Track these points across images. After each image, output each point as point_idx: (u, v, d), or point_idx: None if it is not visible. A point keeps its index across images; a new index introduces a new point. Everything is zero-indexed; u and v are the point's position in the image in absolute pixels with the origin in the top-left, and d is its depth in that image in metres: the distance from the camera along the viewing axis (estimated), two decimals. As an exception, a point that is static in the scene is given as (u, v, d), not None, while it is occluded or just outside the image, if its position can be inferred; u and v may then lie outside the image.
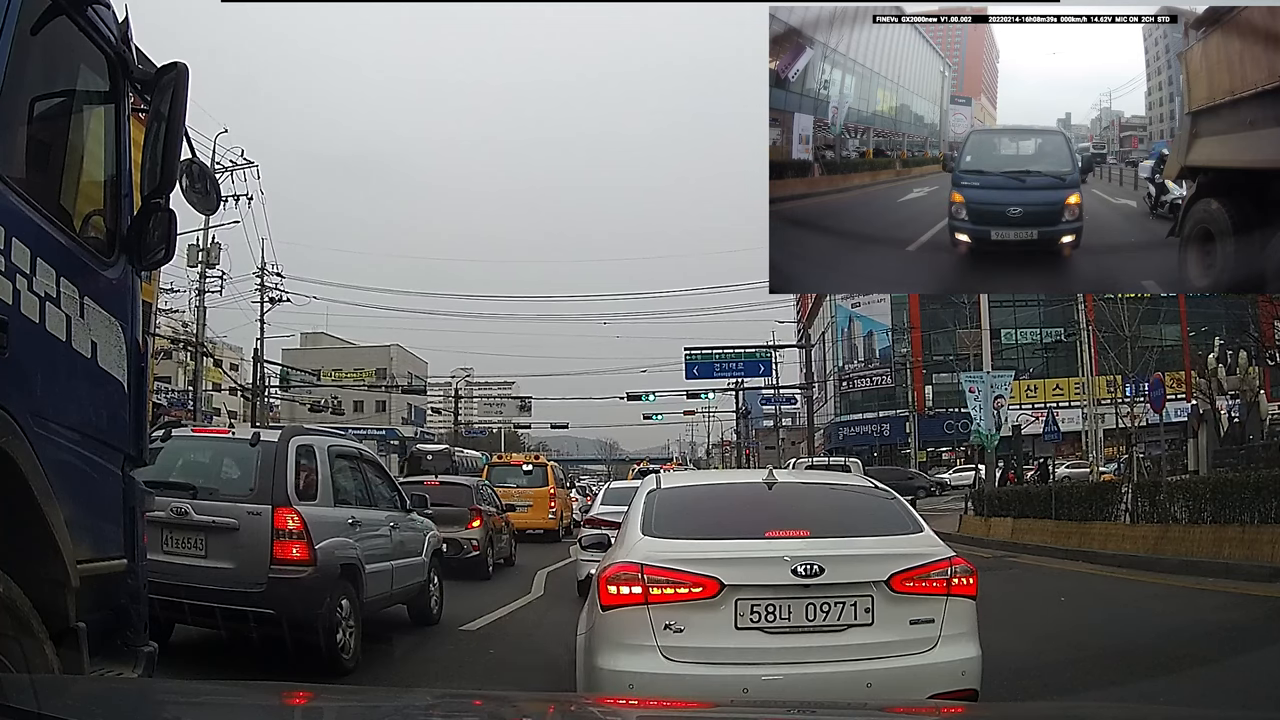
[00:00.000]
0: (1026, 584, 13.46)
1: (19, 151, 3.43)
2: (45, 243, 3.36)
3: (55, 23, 3.49)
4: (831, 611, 4.34)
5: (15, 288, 3.14)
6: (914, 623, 4.39)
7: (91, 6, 3.71)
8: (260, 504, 6.99)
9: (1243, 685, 6.26)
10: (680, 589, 4.34)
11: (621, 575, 4.44)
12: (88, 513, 3.65)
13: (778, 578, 4.33)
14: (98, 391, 3.80)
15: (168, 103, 3.83)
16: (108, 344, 3.81)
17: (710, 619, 4.31)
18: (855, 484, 6.07)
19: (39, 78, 3.56)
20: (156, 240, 4.03)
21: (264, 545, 6.86)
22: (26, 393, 3.23)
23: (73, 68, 3.80)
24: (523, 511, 21.34)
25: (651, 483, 5.42)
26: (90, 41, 3.79)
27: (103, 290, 3.78)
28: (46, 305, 3.35)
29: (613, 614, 4.42)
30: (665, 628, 4.29)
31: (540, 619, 10.37)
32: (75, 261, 3.59)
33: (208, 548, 6.87)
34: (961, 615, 4.50)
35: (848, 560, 4.44)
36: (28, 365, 3.24)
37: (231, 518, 6.95)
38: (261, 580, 6.76)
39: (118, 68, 3.96)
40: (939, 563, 4.54)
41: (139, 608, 4.08)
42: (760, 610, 4.33)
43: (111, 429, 3.91)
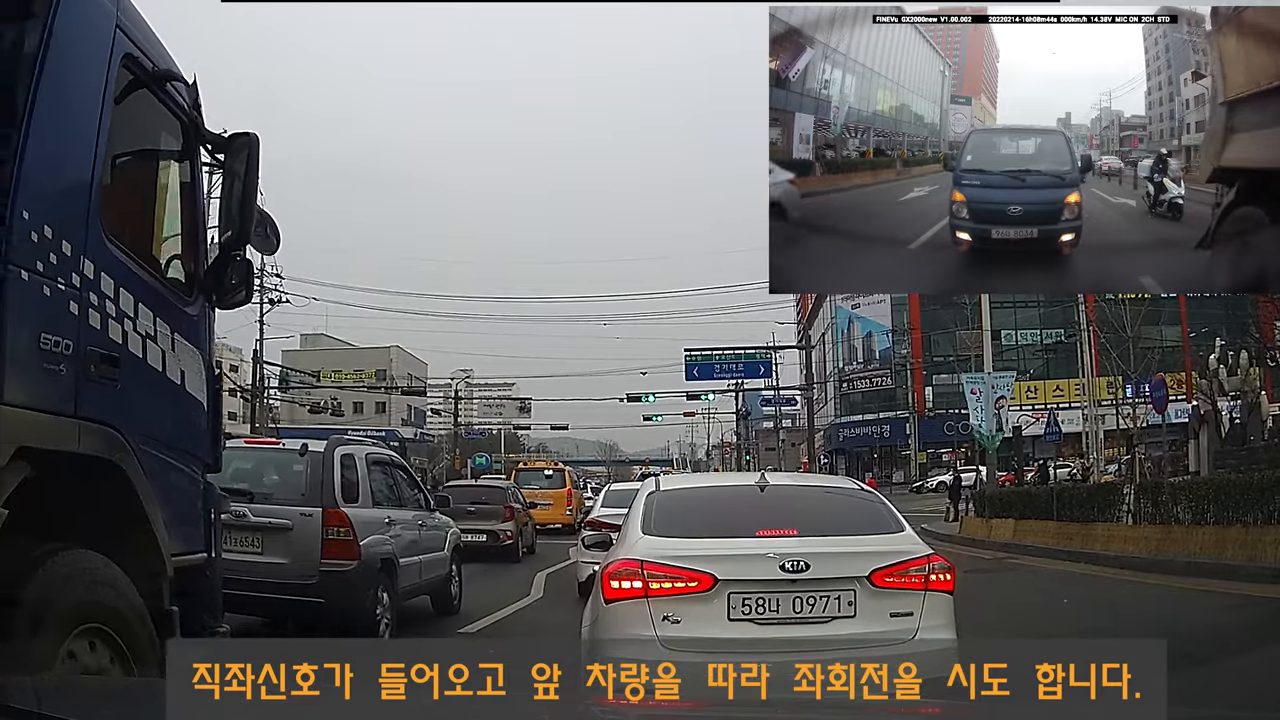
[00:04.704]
0: (1029, 586, 13.47)
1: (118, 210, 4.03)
2: (143, 289, 4.09)
3: (140, 96, 4.14)
4: (817, 604, 4.67)
5: (124, 329, 3.90)
6: (894, 615, 4.71)
7: (169, 83, 4.38)
8: (311, 506, 7.88)
9: (1244, 685, 6.26)
10: (677, 583, 4.67)
11: (623, 571, 4.78)
12: (178, 514, 4.31)
13: (767, 573, 4.65)
14: (185, 411, 4.53)
15: (242, 165, 4.50)
16: (192, 371, 4.54)
17: (705, 611, 4.62)
18: (842, 486, 6.55)
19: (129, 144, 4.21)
20: (236, 284, 4.73)
21: (315, 543, 7.73)
22: (133, 415, 3.90)
23: (155, 134, 4.46)
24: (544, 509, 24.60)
25: (651, 485, 5.78)
26: (169, 111, 4.43)
27: (186, 326, 4.51)
28: (147, 342, 4.10)
29: (615, 607, 4.76)
30: (663, 619, 4.61)
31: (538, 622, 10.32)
32: (166, 303, 4.30)
33: (264, 545, 7.66)
34: (939, 608, 4.83)
35: (832, 557, 4.78)
36: (133, 392, 3.94)
37: (285, 519, 7.79)
38: (313, 574, 7.64)
39: (191, 131, 4.59)
40: (918, 560, 4.88)
41: (216, 595, 4.85)
42: (751, 603, 4.65)
43: (195, 442, 4.64)
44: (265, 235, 4.97)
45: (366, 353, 73.84)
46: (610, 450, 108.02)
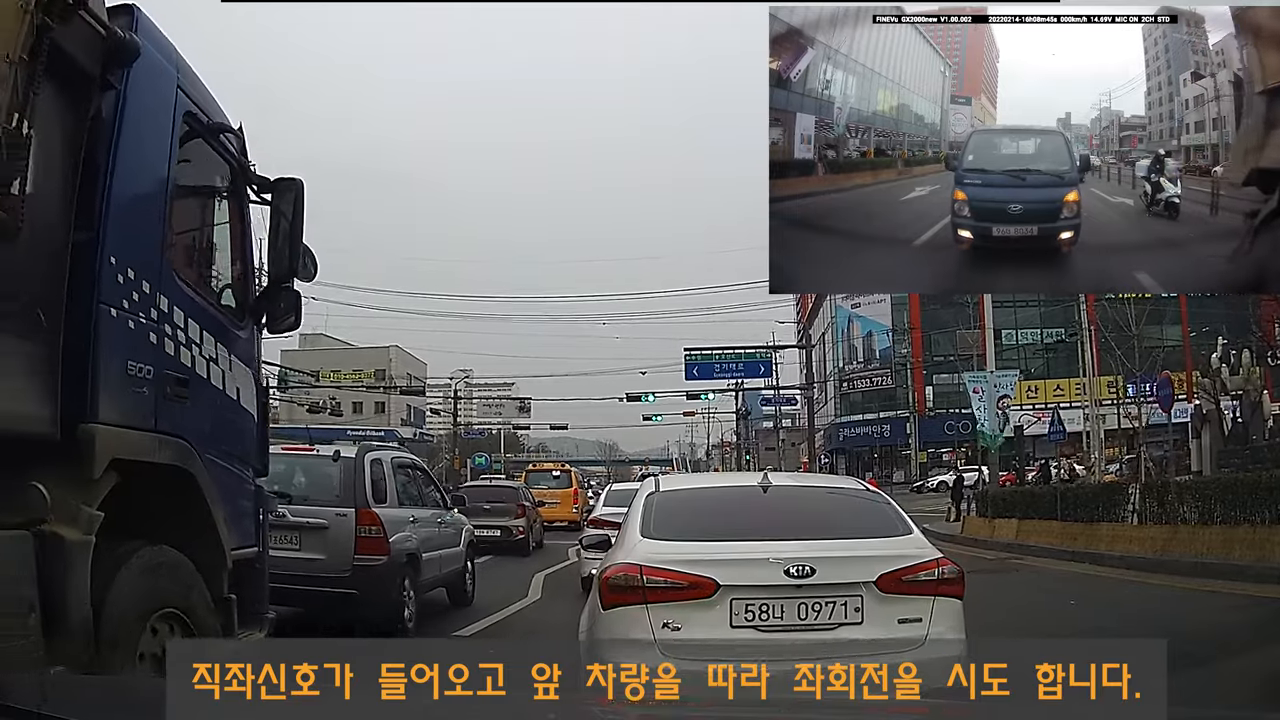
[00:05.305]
0: (1033, 586, 13.42)
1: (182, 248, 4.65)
2: (206, 318, 4.73)
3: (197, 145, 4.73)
4: (822, 611, 4.49)
5: (191, 354, 4.55)
6: (902, 621, 4.52)
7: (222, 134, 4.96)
8: (346, 507, 8.60)
9: (1245, 685, 6.25)
10: (677, 589, 4.49)
11: (622, 576, 4.59)
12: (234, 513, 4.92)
13: (771, 578, 4.47)
14: (240, 423, 5.15)
15: (289, 206, 5.13)
16: (245, 387, 5.17)
17: (706, 618, 4.45)
18: (846, 487, 6.28)
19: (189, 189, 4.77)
20: (285, 311, 5.36)
21: (349, 540, 8.45)
22: (199, 428, 4.55)
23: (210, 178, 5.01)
24: (551, 507, 26.37)
25: (650, 485, 5.57)
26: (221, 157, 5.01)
27: (240, 348, 5.14)
28: (210, 365, 4.74)
29: (614, 613, 4.56)
30: (664, 626, 4.42)
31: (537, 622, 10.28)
32: (223, 329, 4.95)
33: (302, 543, 8.30)
34: (948, 614, 4.64)
35: (837, 561, 4.57)
36: (200, 409, 4.60)
37: (322, 519, 8.48)
38: (347, 568, 8.36)
39: (239, 174, 5.18)
40: (926, 564, 4.68)
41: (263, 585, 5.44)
42: (754, 610, 4.46)
43: (248, 449, 5.25)
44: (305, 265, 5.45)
45: (365, 353, 73.77)
46: (610, 450, 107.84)
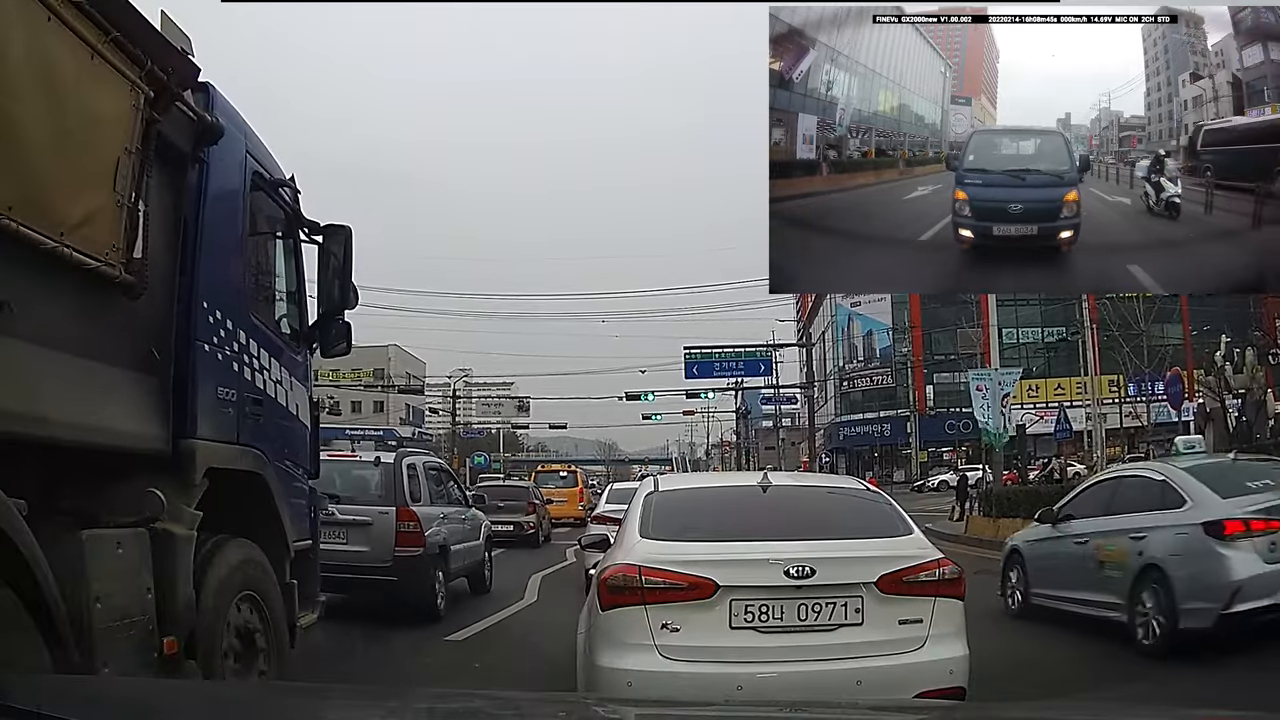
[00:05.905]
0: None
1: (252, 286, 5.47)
2: (272, 347, 5.57)
3: (261, 197, 5.54)
4: (823, 612, 4.45)
5: (263, 378, 5.42)
6: (902, 622, 4.49)
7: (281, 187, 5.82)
8: (387, 505, 9.86)
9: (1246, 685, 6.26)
10: (677, 590, 4.45)
11: (620, 576, 4.55)
12: (295, 510, 5.79)
13: (770, 579, 4.43)
14: (298, 435, 6.08)
15: (339, 248, 6.03)
16: (302, 404, 6.11)
17: (706, 619, 4.41)
18: (847, 486, 6.23)
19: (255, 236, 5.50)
20: (337, 339, 6.31)
21: (390, 534, 9.64)
22: (269, 439, 5.43)
23: (272, 226, 5.81)
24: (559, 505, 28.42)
25: (649, 486, 5.52)
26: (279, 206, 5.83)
27: (297, 369, 6.05)
28: (276, 386, 5.60)
29: (612, 614, 4.52)
30: (662, 627, 4.39)
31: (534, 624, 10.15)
32: (285, 354, 5.79)
33: (348, 537, 9.39)
34: (949, 615, 4.61)
35: (838, 562, 4.54)
36: (270, 424, 5.47)
37: (366, 516, 9.67)
38: (388, 559, 9.52)
39: (293, 220, 6.00)
40: (927, 564, 4.64)
41: (316, 573, 6.36)
42: (754, 610, 4.43)
43: (304, 456, 6.17)
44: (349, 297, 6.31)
45: (364, 351, 73.43)
46: (609, 449, 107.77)
